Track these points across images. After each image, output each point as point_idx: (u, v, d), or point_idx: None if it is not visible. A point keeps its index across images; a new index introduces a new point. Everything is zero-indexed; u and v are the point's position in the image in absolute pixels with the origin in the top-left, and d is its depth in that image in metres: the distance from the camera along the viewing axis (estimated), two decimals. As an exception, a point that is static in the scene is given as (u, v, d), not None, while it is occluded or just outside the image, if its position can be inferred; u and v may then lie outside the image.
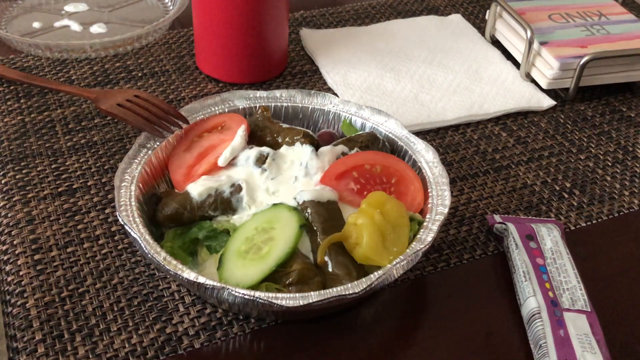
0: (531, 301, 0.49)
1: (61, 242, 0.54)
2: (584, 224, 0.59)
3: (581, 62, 0.71)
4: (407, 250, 0.48)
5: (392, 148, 0.58)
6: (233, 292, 0.43)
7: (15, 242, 0.54)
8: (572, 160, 0.66)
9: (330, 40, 0.81)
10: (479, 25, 0.87)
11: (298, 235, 0.49)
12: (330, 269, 0.48)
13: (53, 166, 0.62)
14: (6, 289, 0.51)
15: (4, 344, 0.48)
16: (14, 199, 0.58)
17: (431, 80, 0.75)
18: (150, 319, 0.49)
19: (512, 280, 0.53)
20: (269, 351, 0.48)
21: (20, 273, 0.52)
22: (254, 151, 0.55)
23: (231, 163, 0.56)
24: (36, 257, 0.53)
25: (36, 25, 0.82)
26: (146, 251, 0.46)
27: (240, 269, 0.47)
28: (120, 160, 0.57)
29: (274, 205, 0.52)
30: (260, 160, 0.55)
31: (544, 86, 0.73)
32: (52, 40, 0.79)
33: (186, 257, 0.51)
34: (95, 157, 0.63)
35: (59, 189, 0.59)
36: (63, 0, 0.87)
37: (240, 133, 0.56)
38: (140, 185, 0.52)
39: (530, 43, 0.73)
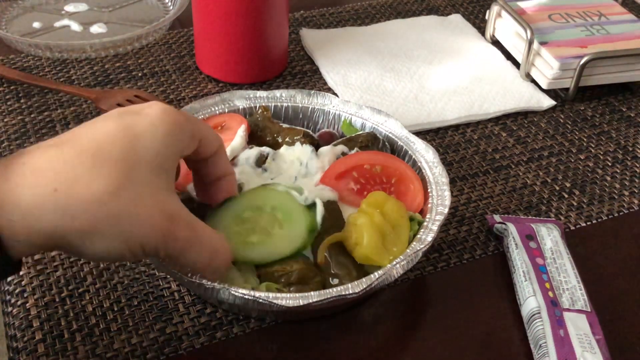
0: (531, 301, 0.49)
1: (61, 242, 0.54)
2: (584, 224, 0.59)
3: (581, 62, 0.71)
4: (407, 250, 0.48)
5: (392, 148, 0.58)
6: (233, 292, 0.43)
7: (15, 242, 0.54)
8: (572, 160, 0.66)
9: (330, 40, 0.81)
10: (479, 25, 0.87)
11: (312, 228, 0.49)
12: (330, 269, 0.48)
13: (53, 166, 0.61)
14: (6, 289, 0.51)
15: (4, 344, 0.48)
16: (14, 199, 0.58)
17: (431, 80, 0.75)
18: (150, 319, 0.49)
19: (512, 280, 0.53)
20: (269, 351, 0.48)
21: (20, 273, 0.52)
22: (254, 151, 0.55)
23: (231, 163, 0.55)
24: (36, 257, 0.53)
25: (36, 25, 0.82)
26: (146, 251, 0.46)
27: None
28: (120, 160, 0.57)
29: (264, 186, 0.51)
30: (260, 160, 0.55)
31: (544, 86, 0.73)
32: (52, 40, 0.79)
33: (186, 257, 0.51)
34: (95, 157, 0.63)
35: (59, 189, 0.59)
36: (63, 0, 0.87)
37: (240, 133, 0.56)
38: (140, 185, 0.52)
39: (530, 43, 0.73)
